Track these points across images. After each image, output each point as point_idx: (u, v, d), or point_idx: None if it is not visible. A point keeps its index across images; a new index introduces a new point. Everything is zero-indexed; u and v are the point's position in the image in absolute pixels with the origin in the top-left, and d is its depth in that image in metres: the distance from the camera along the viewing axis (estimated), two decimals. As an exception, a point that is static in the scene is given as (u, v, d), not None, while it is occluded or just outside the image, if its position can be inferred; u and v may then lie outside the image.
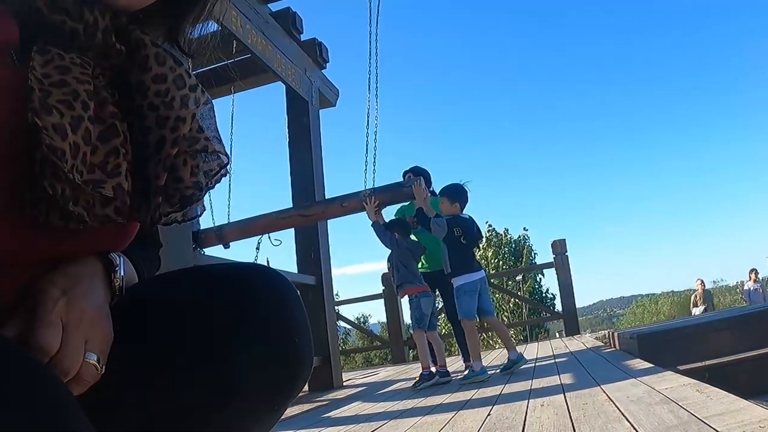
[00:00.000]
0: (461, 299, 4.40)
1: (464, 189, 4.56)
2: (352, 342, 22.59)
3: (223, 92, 6.13)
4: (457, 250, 4.41)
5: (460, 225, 4.39)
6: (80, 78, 0.59)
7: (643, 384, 2.72)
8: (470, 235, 4.47)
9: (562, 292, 8.79)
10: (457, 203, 4.47)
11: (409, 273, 4.59)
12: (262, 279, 0.74)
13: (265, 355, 0.69)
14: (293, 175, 5.78)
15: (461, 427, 2.43)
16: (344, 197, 4.47)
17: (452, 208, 4.45)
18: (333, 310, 5.76)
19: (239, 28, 4.66)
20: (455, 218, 4.41)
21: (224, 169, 0.73)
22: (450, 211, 4.44)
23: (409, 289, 4.60)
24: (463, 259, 4.44)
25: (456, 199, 4.48)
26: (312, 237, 5.58)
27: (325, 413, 3.62)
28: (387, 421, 2.90)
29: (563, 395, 2.85)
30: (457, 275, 4.42)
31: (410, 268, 4.60)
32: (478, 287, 4.44)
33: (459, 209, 4.48)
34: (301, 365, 0.73)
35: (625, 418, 2.00)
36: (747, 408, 1.78)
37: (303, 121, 5.85)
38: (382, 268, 8.71)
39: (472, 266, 4.49)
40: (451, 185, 4.58)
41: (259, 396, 0.71)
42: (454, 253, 4.42)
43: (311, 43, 6.10)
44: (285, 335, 0.71)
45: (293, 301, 0.75)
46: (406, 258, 4.61)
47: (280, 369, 0.71)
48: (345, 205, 4.40)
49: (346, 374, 7.03)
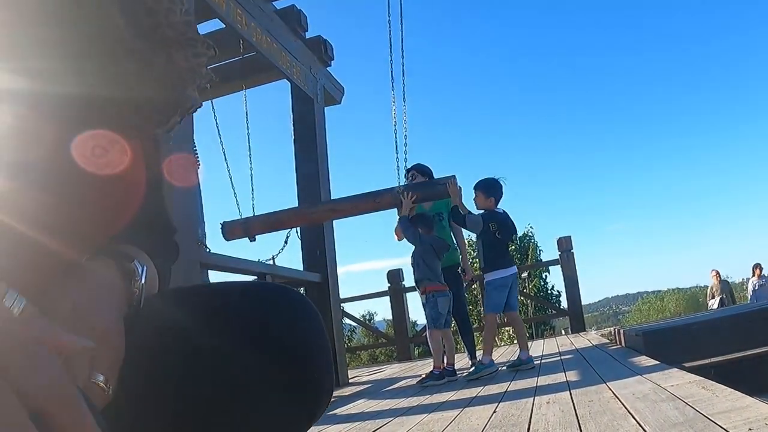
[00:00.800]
0: (491, 294, 4.41)
1: (499, 183, 4.52)
2: (358, 339, 22.59)
3: (229, 90, 6.14)
4: (492, 245, 4.40)
5: (496, 220, 4.38)
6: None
7: (649, 381, 2.72)
8: (505, 229, 4.45)
9: (568, 289, 8.77)
10: (492, 198, 4.44)
11: (429, 270, 4.56)
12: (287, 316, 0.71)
13: (286, 396, 0.68)
14: (298, 172, 5.79)
15: (467, 424, 2.44)
16: (378, 193, 4.44)
17: (487, 202, 4.43)
18: (338, 308, 5.77)
19: (245, 26, 4.67)
20: (490, 213, 4.40)
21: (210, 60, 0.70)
22: (485, 205, 4.43)
23: (429, 287, 4.57)
24: (498, 254, 4.44)
25: (491, 194, 4.45)
26: (317, 234, 5.59)
27: (331, 410, 3.63)
28: (393, 419, 2.91)
29: (569, 392, 2.85)
30: (490, 270, 4.42)
31: (431, 265, 4.56)
32: (510, 282, 4.43)
33: (494, 204, 4.45)
34: (321, 397, 0.72)
35: (630, 415, 2.01)
36: (753, 405, 1.77)
37: (308, 119, 5.86)
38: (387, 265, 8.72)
39: (506, 262, 4.49)
40: (486, 179, 4.53)
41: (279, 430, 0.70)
42: (489, 248, 4.41)
43: (316, 40, 6.10)
44: (306, 377, 0.69)
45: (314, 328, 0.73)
46: (428, 254, 4.56)
47: (300, 406, 0.70)
48: (378, 201, 4.38)
49: (352, 371, 7.04)
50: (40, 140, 0.56)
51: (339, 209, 4.59)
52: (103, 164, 0.60)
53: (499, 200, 4.50)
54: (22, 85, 0.55)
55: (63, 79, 0.57)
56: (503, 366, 4.61)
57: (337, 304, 5.67)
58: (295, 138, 5.87)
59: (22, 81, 0.55)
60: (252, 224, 4.41)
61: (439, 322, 4.53)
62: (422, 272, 4.59)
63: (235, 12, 4.54)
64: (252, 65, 5.78)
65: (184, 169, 3.72)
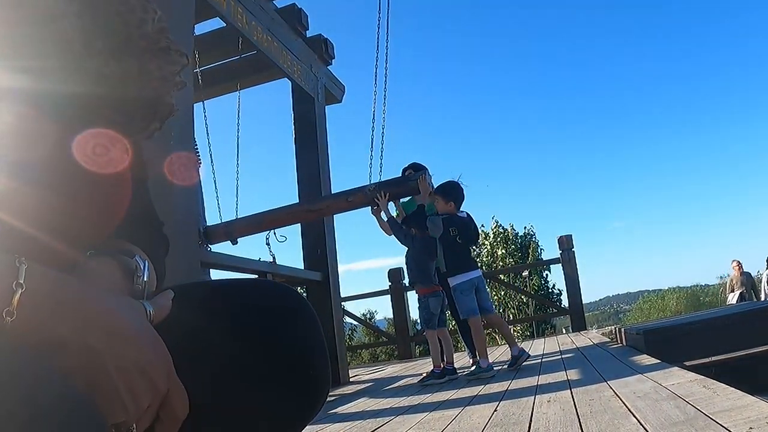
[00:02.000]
0: (460, 299, 4.35)
1: (459, 186, 4.43)
2: (359, 338, 22.61)
3: (230, 88, 6.15)
4: (452, 249, 4.34)
5: (456, 224, 4.31)
6: None
7: (649, 380, 2.72)
8: (465, 234, 4.38)
9: (569, 287, 8.78)
10: (451, 202, 4.35)
11: (419, 272, 4.54)
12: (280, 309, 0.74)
13: (286, 391, 0.70)
14: (300, 170, 5.79)
15: (468, 423, 2.44)
16: (350, 192, 4.44)
17: (447, 207, 4.34)
18: (339, 306, 5.77)
19: (245, 24, 4.67)
20: (451, 217, 4.32)
21: (184, 68, 0.70)
22: (445, 210, 4.33)
23: (420, 289, 4.57)
24: (459, 258, 4.37)
25: (450, 198, 4.36)
26: (318, 233, 5.59)
27: (332, 409, 3.63)
28: (393, 417, 2.91)
29: (570, 391, 2.85)
30: (452, 275, 4.35)
31: (422, 267, 4.54)
32: (475, 285, 4.37)
33: (454, 207, 4.36)
34: (320, 392, 0.74)
35: (631, 413, 2.01)
36: (754, 404, 1.77)
37: (309, 117, 5.86)
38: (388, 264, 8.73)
39: (468, 266, 4.41)
40: (444, 183, 4.45)
41: (279, 425, 0.72)
42: (450, 253, 4.35)
43: (317, 39, 6.10)
44: (305, 372, 0.72)
45: (311, 325, 0.75)
46: (418, 256, 4.53)
47: (300, 400, 0.72)
48: (351, 199, 4.38)
49: (353, 370, 7.04)
50: (41, 139, 0.56)
51: (315, 209, 4.61)
52: (104, 163, 0.60)
53: (460, 203, 4.41)
54: (22, 84, 0.55)
55: (62, 78, 0.57)
56: (503, 365, 4.60)
57: (337, 302, 5.68)
58: (295, 137, 5.87)
59: (23, 80, 0.55)
60: (234, 227, 4.45)
61: (431, 323, 4.52)
62: (413, 275, 4.59)
63: (236, 10, 4.54)
64: (252, 64, 5.78)
65: (185, 168, 3.72)
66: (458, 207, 4.40)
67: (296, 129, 5.87)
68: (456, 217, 4.35)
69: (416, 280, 4.58)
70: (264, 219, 4.53)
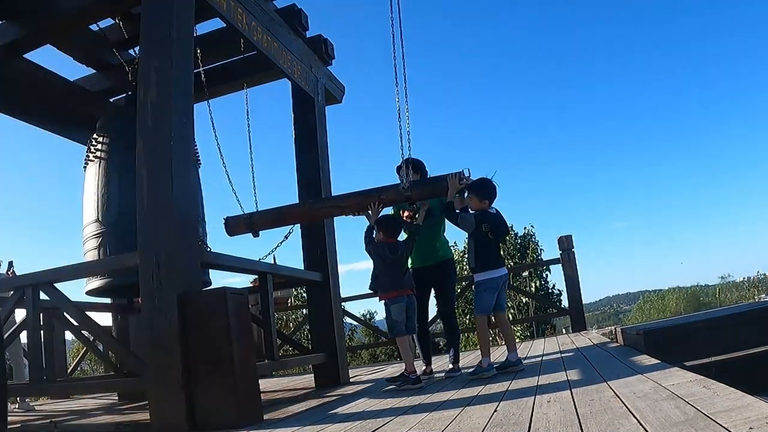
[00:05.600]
0: (481, 295, 4.36)
1: (492, 184, 4.42)
2: (359, 338, 22.57)
3: (230, 89, 6.15)
4: (483, 245, 4.35)
5: (488, 220, 4.32)
6: None
7: (649, 380, 2.72)
8: (497, 230, 4.39)
9: (569, 287, 8.79)
10: (486, 200, 4.36)
11: (376, 279, 4.51)
12: None
13: None
14: (299, 171, 5.79)
15: (468, 423, 2.44)
16: (381, 189, 4.35)
17: (481, 205, 4.35)
18: (339, 307, 5.77)
19: (245, 25, 4.67)
20: (483, 213, 4.33)
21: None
22: (478, 207, 4.35)
23: (381, 296, 4.53)
24: (489, 255, 4.38)
25: (485, 196, 4.37)
26: (318, 233, 5.59)
27: (332, 409, 3.64)
28: (394, 417, 2.91)
29: (570, 391, 2.85)
30: (480, 270, 4.36)
31: (380, 274, 4.49)
32: (500, 284, 4.38)
33: (488, 205, 4.37)
34: None
35: (631, 414, 2.01)
36: (753, 404, 1.78)
37: (309, 118, 5.86)
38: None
39: (497, 263, 4.42)
40: (478, 181, 4.39)
41: None
42: (481, 249, 4.36)
43: (317, 39, 6.10)
44: None
45: None
46: (378, 264, 4.49)
47: None
48: (383, 197, 4.32)
49: (353, 371, 7.04)
50: None
51: (345, 205, 4.49)
52: None
53: (493, 200, 4.41)
54: None
55: None
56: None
57: (338, 302, 5.67)
58: (295, 137, 5.87)
59: None
60: (256, 219, 4.31)
61: (396, 330, 4.43)
62: (373, 282, 4.57)
63: (236, 11, 4.54)
64: (253, 64, 5.78)
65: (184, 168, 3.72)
66: (491, 204, 4.40)
67: (296, 129, 5.87)
68: (488, 213, 4.36)
69: (377, 287, 4.57)
70: (290, 212, 4.35)
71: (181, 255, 3.54)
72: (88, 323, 4.35)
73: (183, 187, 3.65)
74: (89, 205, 5.19)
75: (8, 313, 4.53)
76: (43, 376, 4.42)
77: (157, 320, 3.44)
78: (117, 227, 4.97)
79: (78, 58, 5.90)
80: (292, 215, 4.36)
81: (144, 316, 3.54)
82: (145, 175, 3.63)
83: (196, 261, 3.80)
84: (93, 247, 5.07)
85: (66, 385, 5.55)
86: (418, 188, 4.30)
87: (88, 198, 5.23)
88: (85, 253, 5.17)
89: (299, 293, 14.40)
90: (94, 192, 5.16)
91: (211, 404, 3.31)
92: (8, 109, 5.84)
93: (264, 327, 4.84)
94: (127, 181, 4.65)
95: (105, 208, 5.08)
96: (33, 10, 4.75)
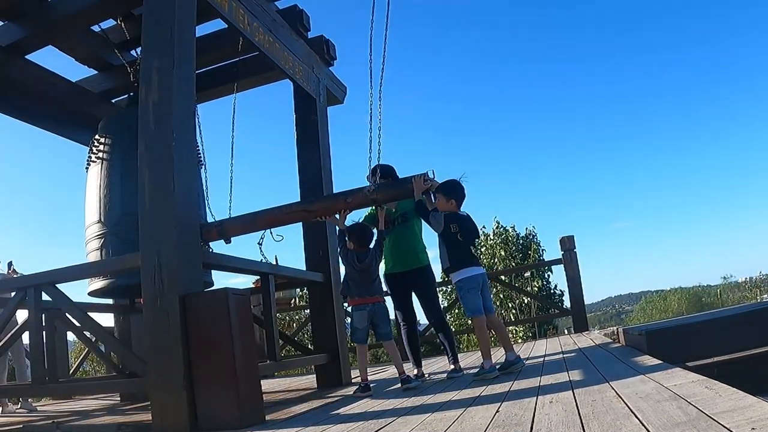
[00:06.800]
0: (465, 297, 4.31)
1: (460, 185, 4.38)
2: (360, 339, 22.51)
3: (232, 90, 6.15)
4: (454, 245, 4.30)
5: (457, 221, 4.28)
6: None
7: (651, 381, 2.72)
8: (466, 232, 4.34)
9: (571, 288, 8.78)
10: (452, 200, 4.32)
11: (353, 285, 4.48)
12: None
13: None
14: (301, 172, 5.79)
15: (470, 423, 2.44)
16: (348, 193, 4.38)
17: (448, 205, 4.30)
18: (341, 307, 5.77)
19: (247, 26, 4.67)
20: (451, 214, 4.28)
21: None
22: (446, 209, 4.29)
23: (349, 301, 4.55)
24: (462, 255, 4.33)
25: (451, 196, 4.32)
26: (320, 234, 5.59)
27: (334, 410, 3.64)
28: (396, 418, 2.91)
29: (572, 392, 2.85)
30: (456, 270, 4.31)
31: (347, 279, 4.50)
32: (480, 283, 4.34)
33: (455, 206, 4.33)
34: None
35: (633, 414, 2.00)
36: (756, 404, 1.77)
37: (311, 119, 5.86)
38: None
39: (470, 262, 4.36)
40: (446, 182, 4.38)
41: None
42: (452, 249, 4.30)
43: (318, 40, 6.10)
44: None
45: None
46: (348, 269, 4.48)
47: None
48: (349, 200, 4.32)
49: (354, 371, 7.04)
50: None
51: (312, 210, 4.53)
52: None
53: (461, 202, 4.37)
54: None
55: None
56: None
57: (339, 303, 5.67)
58: (297, 137, 5.87)
59: None
60: (227, 226, 4.38)
61: (355, 336, 4.52)
62: (344, 287, 4.56)
63: (238, 12, 4.54)
64: (254, 65, 5.79)
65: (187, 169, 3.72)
66: (459, 206, 4.37)
67: (298, 130, 5.87)
68: (457, 215, 4.33)
69: (344, 291, 4.59)
70: (259, 219, 4.46)
71: (183, 256, 3.54)
72: (90, 324, 4.35)
73: (185, 187, 3.65)
74: (91, 206, 5.19)
75: (10, 314, 4.54)
76: (45, 377, 4.42)
77: (159, 321, 3.44)
78: (119, 228, 4.97)
79: (80, 59, 5.91)
80: (262, 221, 4.43)
81: (146, 317, 3.55)
82: (146, 176, 3.64)
83: (198, 262, 3.81)
84: (95, 248, 5.08)
85: (68, 386, 5.55)
86: (383, 190, 4.27)
87: (90, 199, 5.24)
88: (87, 253, 5.18)
89: (304, 294, 14.42)
90: (96, 193, 5.16)
91: (213, 405, 3.32)
92: (10, 110, 5.85)
93: (266, 328, 4.84)
94: (129, 182, 4.65)
95: (107, 209, 5.08)
96: (35, 11, 4.75)
